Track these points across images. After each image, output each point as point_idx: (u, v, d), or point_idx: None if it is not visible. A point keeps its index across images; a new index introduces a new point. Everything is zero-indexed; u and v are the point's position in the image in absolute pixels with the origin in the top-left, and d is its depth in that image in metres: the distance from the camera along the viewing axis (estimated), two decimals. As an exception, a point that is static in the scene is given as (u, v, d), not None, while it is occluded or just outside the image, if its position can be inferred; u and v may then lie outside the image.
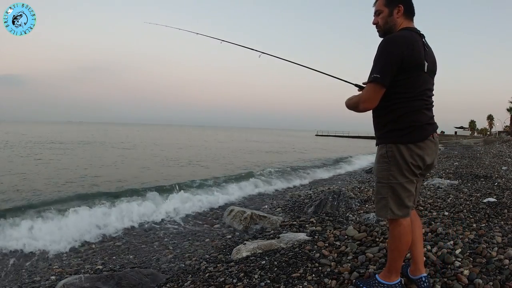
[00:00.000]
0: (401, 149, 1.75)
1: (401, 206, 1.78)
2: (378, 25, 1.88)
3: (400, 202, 1.78)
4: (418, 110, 1.76)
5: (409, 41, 1.70)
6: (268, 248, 3.30)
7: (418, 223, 2.02)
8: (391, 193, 1.79)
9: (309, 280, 2.38)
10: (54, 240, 4.05)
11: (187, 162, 13.38)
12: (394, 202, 1.78)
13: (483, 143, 30.70)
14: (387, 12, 1.83)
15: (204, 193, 6.93)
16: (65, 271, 3.32)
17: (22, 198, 6.24)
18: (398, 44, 1.69)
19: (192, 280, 2.86)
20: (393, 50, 1.69)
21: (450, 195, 4.97)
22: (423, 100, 1.78)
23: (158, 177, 9.30)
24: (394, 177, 1.77)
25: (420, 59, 1.72)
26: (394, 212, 1.78)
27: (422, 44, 1.76)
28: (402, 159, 1.75)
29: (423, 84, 1.76)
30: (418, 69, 1.72)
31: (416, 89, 1.74)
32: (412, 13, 1.85)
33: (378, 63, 1.71)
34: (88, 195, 6.43)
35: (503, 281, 2.04)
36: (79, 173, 9.43)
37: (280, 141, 35.18)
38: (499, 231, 2.95)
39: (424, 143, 1.76)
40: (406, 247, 1.85)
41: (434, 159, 1.84)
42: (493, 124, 72.96)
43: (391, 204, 1.79)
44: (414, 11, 1.85)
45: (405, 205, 1.79)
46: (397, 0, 1.81)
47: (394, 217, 1.79)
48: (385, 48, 1.72)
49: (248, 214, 4.76)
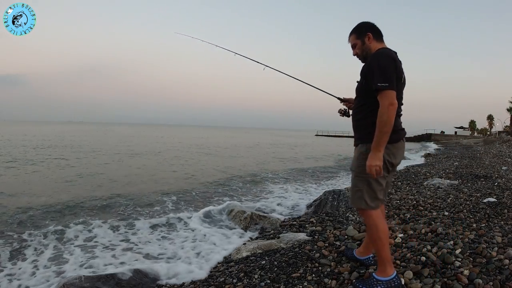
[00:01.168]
0: None
1: (374, 198, 2.04)
2: (358, 55, 2.19)
3: (373, 194, 2.04)
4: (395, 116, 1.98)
5: (394, 57, 2.00)
6: (268, 248, 3.30)
7: (383, 215, 2.26)
8: (366, 187, 2.04)
9: (309, 280, 2.38)
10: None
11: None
12: (369, 194, 2.04)
13: (483, 143, 30.70)
14: (360, 43, 2.15)
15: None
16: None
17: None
18: (391, 58, 1.98)
19: (192, 280, 2.87)
20: (391, 62, 1.96)
21: (450, 195, 4.97)
22: (399, 107, 2.04)
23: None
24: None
25: (401, 72, 2.01)
26: (368, 203, 2.03)
27: (399, 60, 2.04)
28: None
29: (399, 94, 2.04)
30: (398, 81, 1.99)
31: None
32: (381, 36, 2.15)
33: (384, 74, 1.91)
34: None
35: (503, 281, 2.04)
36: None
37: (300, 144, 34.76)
38: (499, 231, 2.95)
39: (398, 144, 2.07)
40: (385, 234, 2.05)
41: (401, 159, 2.14)
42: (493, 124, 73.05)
43: (365, 196, 2.04)
44: (381, 33, 2.16)
45: (377, 198, 2.05)
46: (364, 30, 2.14)
47: (367, 208, 2.04)
48: (382, 61, 1.96)
49: (248, 214, 4.76)
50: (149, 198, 6.52)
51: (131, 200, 6.30)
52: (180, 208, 5.78)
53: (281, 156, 17.98)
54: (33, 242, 4.04)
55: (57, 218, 4.98)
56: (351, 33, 2.19)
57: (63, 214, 5.24)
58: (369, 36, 2.11)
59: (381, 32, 2.16)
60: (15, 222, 4.75)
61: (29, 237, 4.18)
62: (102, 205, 5.81)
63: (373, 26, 2.14)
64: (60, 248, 3.90)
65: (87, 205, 5.80)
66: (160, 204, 6.02)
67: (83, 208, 5.59)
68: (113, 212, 5.44)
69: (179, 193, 7.02)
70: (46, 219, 4.92)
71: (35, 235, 4.27)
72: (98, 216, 5.15)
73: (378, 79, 1.89)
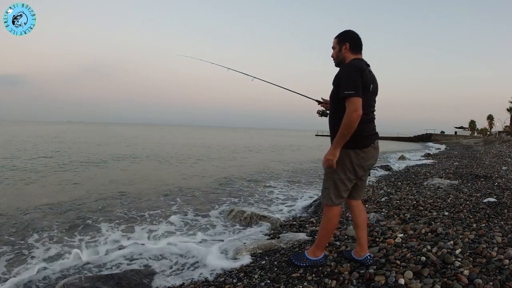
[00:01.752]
0: (349, 153, 2.23)
1: (338, 197, 2.31)
2: (334, 58, 2.39)
3: (338, 193, 2.30)
4: (364, 123, 2.17)
5: (361, 68, 2.17)
6: (268, 248, 3.30)
7: (363, 212, 2.50)
8: (333, 186, 2.30)
9: (309, 280, 2.38)
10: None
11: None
12: (334, 193, 2.30)
13: (483, 143, 30.70)
14: (338, 48, 2.34)
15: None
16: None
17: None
18: (358, 69, 2.16)
19: (192, 280, 2.87)
20: (357, 72, 2.14)
21: (450, 195, 4.97)
22: (367, 115, 2.23)
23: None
24: (338, 174, 2.27)
25: (367, 82, 2.18)
26: (333, 200, 2.31)
27: (368, 71, 2.22)
28: (348, 160, 2.23)
29: (368, 102, 2.23)
30: (365, 90, 2.17)
31: (363, 107, 2.12)
32: (358, 48, 2.31)
33: (350, 82, 2.11)
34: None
35: (503, 281, 2.04)
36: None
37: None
38: (499, 231, 2.95)
39: (367, 149, 2.25)
40: (333, 227, 2.46)
41: (374, 161, 2.35)
42: (493, 124, 72.97)
43: (331, 194, 2.30)
44: (360, 46, 2.33)
45: (342, 196, 2.32)
46: (344, 39, 2.31)
47: (332, 204, 2.32)
48: (350, 70, 2.17)
49: (248, 214, 4.76)
50: (150, 199, 6.51)
51: (132, 200, 6.31)
52: (180, 209, 5.78)
53: (281, 156, 17.99)
54: (33, 242, 4.04)
55: (57, 219, 4.98)
56: (335, 36, 2.38)
57: (64, 214, 5.24)
58: (346, 46, 2.30)
59: (361, 44, 2.33)
60: (15, 222, 4.75)
61: (29, 237, 4.18)
62: (102, 205, 5.81)
63: (354, 38, 2.31)
64: (60, 248, 3.90)
65: (87, 205, 5.80)
66: (161, 205, 6.02)
67: (83, 208, 5.59)
68: (113, 212, 5.44)
69: (179, 194, 7.02)
70: (47, 219, 4.92)
71: (35, 235, 4.27)
72: (99, 216, 5.15)
73: (345, 88, 2.10)
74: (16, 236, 4.22)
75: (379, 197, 5.47)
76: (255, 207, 6.01)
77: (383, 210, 4.40)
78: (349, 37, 2.31)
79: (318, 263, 2.52)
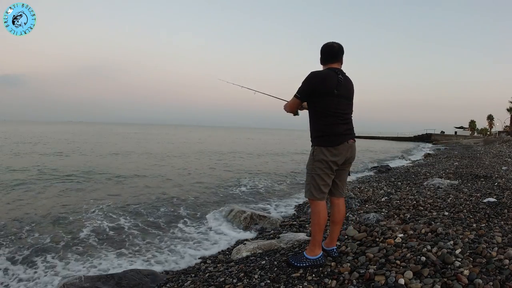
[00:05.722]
0: (323, 151, 2.44)
1: (319, 191, 2.47)
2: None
3: (318, 188, 2.47)
4: (333, 124, 2.43)
5: (322, 76, 2.43)
6: (268, 248, 3.30)
7: (342, 208, 2.66)
8: (313, 181, 2.48)
9: (309, 280, 2.38)
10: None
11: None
12: (314, 188, 2.47)
13: (483, 143, 30.70)
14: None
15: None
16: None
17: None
18: (313, 77, 2.44)
19: (192, 280, 2.87)
20: (310, 80, 2.44)
21: (450, 195, 4.97)
22: (336, 117, 2.44)
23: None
24: (315, 170, 2.46)
25: (330, 88, 2.39)
26: (314, 195, 2.47)
27: (337, 78, 2.42)
28: (323, 157, 2.44)
29: (336, 106, 2.43)
30: (328, 95, 2.40)
31: (329, 109, 2.42)
32: (329, 58, 2.50)
33: (301, 86, 2.48)
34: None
35: (503, 281, 2.04)
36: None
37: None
38: (499, 231, 2.95)
39: (340, 146, 2.43)
40: (324, 222, 2.52)
41: (350, 157, 2.51)
42: (493, 124, 72.92)
43: (312, 189, 2.48)
44: (332, 56, 2.50)
45: (322, 191, 2.47)
46: (320, 52, 2.55)
47: (314, 199, 2.48)
48: (306, 78, 2.46)
49: (248, 214, 4.76)
50: (151, 199, 6.52)
51: (132, 201, 6.31)
52: (181, 210, 5.78)
53: (281, 156, 17.99)
54: (34, 242, 4.04)
55: (57, 219, 4.98)
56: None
57: (64, 215, 5.24)
58: (320, 58, 2.57)
59: (332, 54, 2.50)
60: (15, 222, 4.75)
61: (29, 237, 4.18)
62: (103, 205, 5.82)
63: (322, 52, 2.53)
64: (61, 248, 3.90)
65: (88, 206, 5.80)
66: (161, 206, 6.02)
67: (83, 209, 5.60)
68: (114, 212, 5.44)
69: (179, 195, 7.03)
70: (47, 220, 4.93)
71: (35, 235, 4.27)
72: (99, 216, 5.16)
73: (298, 90, 2.49)
74: (16, 236, 4.22)
75: (379, 197, 5.47)
76: (255, 207, 6.01)
77: (383, 210, 4.40)
78: (321, 51, 2.56)
79: (318, 262, 2.55)
